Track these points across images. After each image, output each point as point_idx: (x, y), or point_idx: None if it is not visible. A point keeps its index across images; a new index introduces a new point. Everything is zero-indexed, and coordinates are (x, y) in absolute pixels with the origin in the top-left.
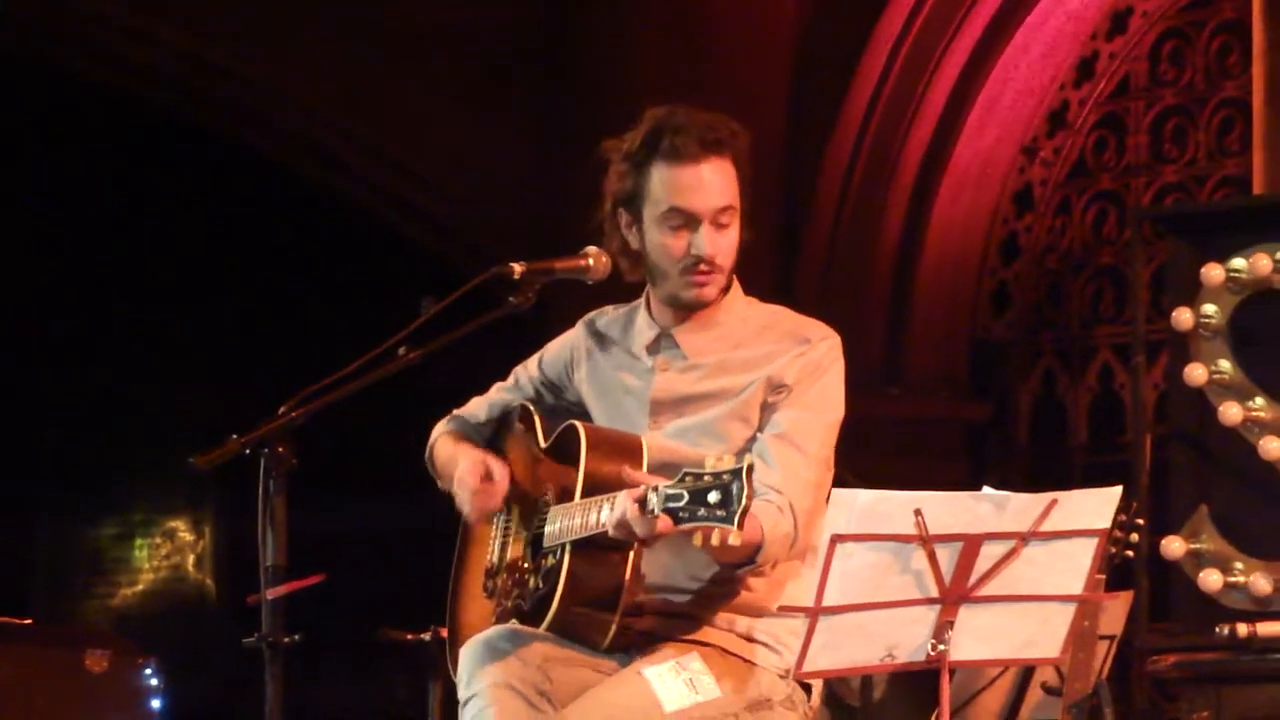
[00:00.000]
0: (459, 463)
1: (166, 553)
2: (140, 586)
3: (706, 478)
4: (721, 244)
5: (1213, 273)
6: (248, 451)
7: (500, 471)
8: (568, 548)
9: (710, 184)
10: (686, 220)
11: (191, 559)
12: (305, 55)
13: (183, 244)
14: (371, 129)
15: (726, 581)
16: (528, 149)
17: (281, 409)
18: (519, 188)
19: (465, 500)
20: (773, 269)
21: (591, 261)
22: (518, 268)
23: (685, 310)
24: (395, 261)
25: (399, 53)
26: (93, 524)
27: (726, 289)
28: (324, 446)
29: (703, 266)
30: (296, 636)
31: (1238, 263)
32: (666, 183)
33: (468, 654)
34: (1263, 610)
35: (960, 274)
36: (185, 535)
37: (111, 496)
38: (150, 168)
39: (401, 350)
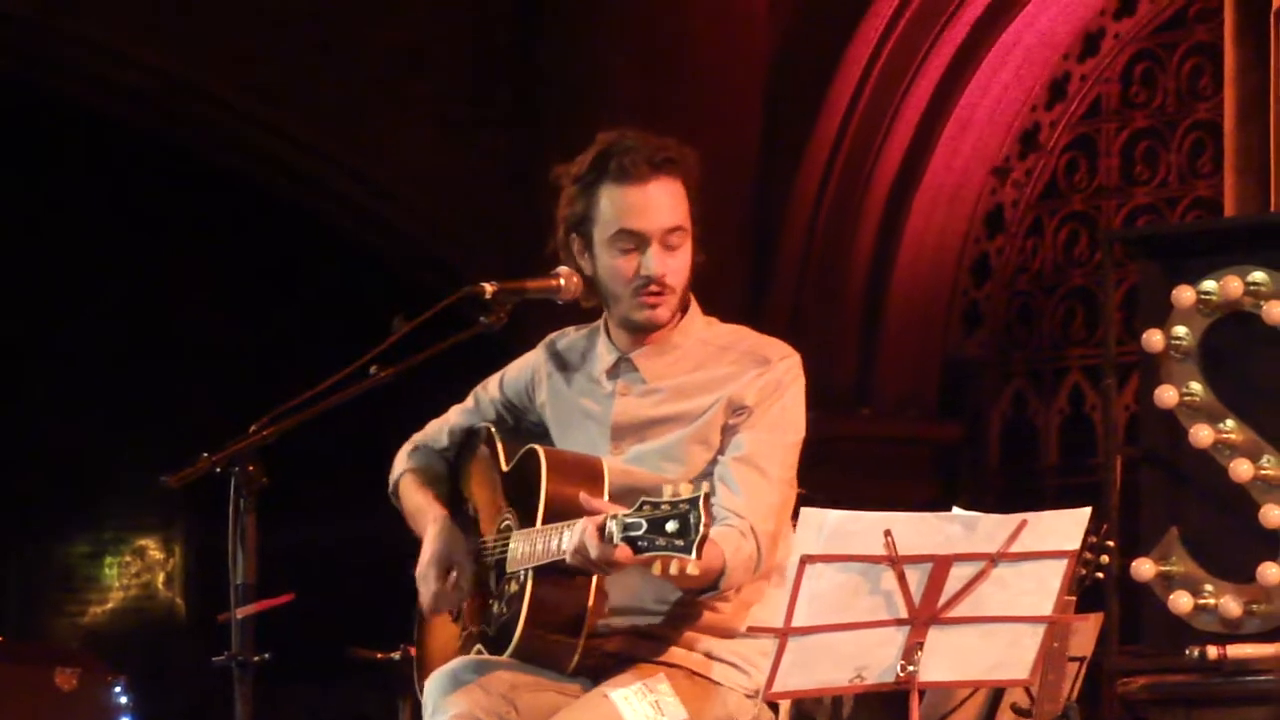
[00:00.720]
0: (424, 532)
1: (137, 570)
2: (110, 604)
3: (664, 506)
4: (671, 264)
5: (1184, 295)
6: (218, 470)
7: (463, 572)
8: (530, 573)
9: (658, 204)
10: (636, 241)
11: (162, 577)
12: (280, 75)
13: (154, 264)
14: (345, 148)
15: (692, 603)
16: (500, 168)
17: (252, 427)
18: (492, 207)
19: (425, 596)
20: (744, 288)
21: (563, 281)
22: (489, 287)
23: (641, 333)
24: (367, 281)
25: (373, 73)
26: (63, 541)
27: (685, 310)
28: (294, 465)
29: (653, 287)
30: (266, 655)
31: (1209, 285)
32: (615, 204)
33: (432, 685)
34: (1233, 633)
35: (931, 294)
36: (155, 553)
37: (83, 514)
38: (120, 188)
39: (373, 369)
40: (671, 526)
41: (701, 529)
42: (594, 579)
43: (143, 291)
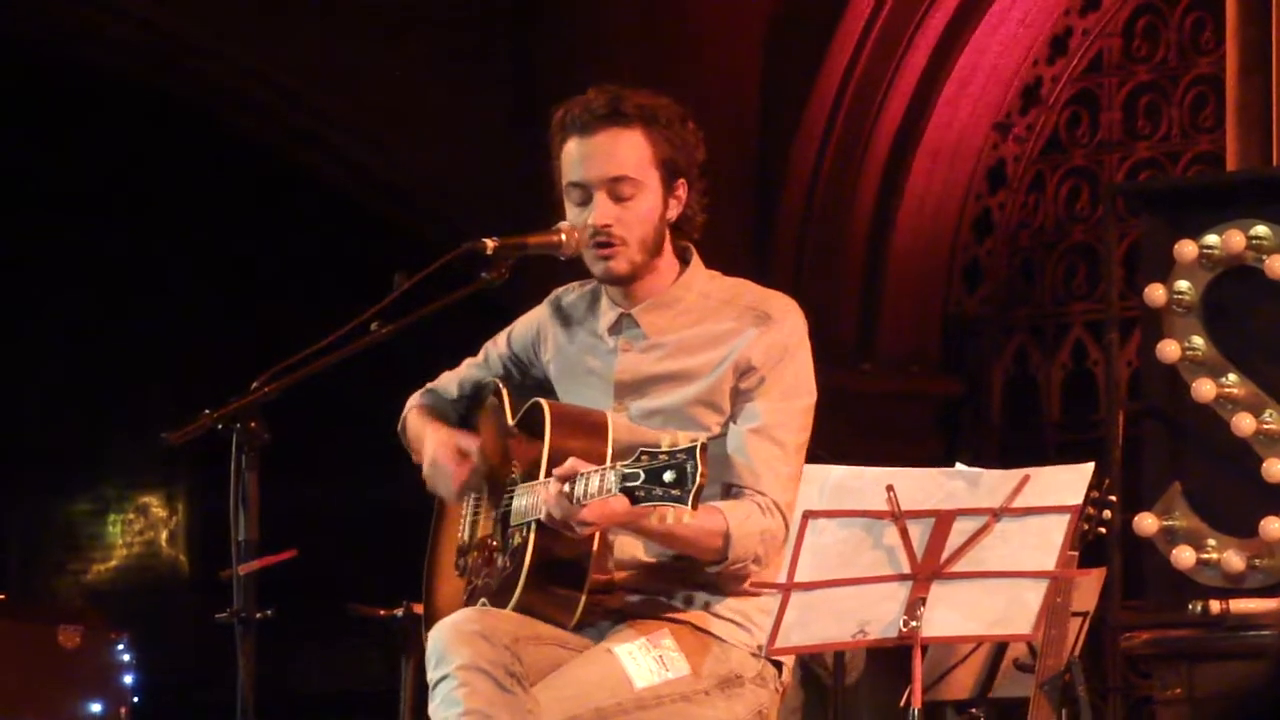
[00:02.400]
0: (426, 443)
1: (140, 529)
2: (113, 562)
3: (662, 456)
4: (618, 214)
5: (1186, 249)
6: (220, 427)
7: (472, 445)
8: (533, 526)
9: (601, 154)
10: (582, 193)
11: (164, 535)
12: (279, 32)
13: (154, 218)
14: (345, 104)
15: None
16: (501, 125)
17: (254, 384)
18: (492, 165)
19: (442, 482)
20: (746, 246)
21: (564, 237)
22: (490, 243)
23: (617, 286)
24: (368, 238)
25: (373, 28)
26: (66, 500)
27: (687, 265)
28: (296, 421)
29: (600, 238)
30: (269, 612)
31: (1211, 239)
32: (567, 156)
33: (436, 637)
34: (1235, 587)
35: (933, 251)
36: (158, 511)
37: (85, 472)
38: (121, 143)
39: (374, 325)
40: (669, 476)
41: (698, 479)
42: (597, 534)
43: (143, 248)
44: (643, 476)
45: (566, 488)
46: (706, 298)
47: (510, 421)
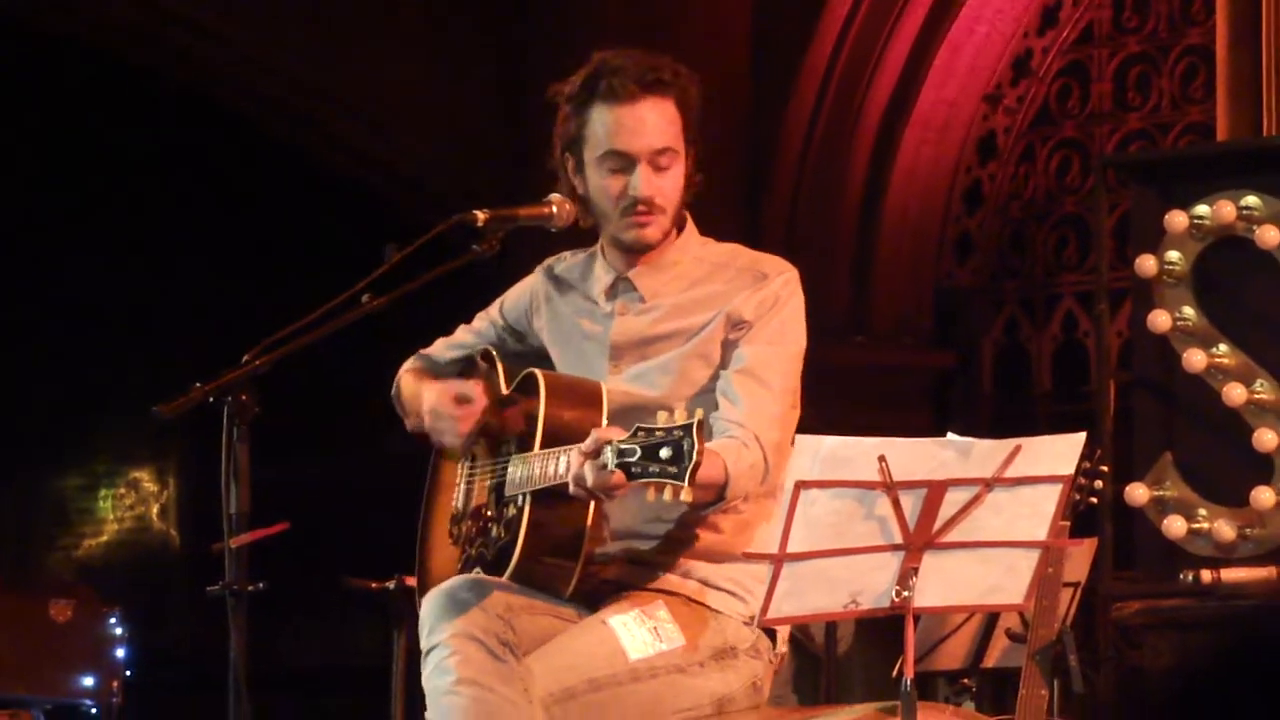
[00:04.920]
0: (425, 396)
1: (131, 503)
2: (104, 537)
3: (659, 433)
4: (660, 185)
5: (1176, 219)
6: (211, 400)
7: (472, 390)
8: (528, 497)
9: (647, 124)
10: (624, 162)
11: (156, 509)
12: (269, 6)
13: (148, 197)
14: (337, 82)
15: (691, 526)
16: (492, 98)
17: (245, 357)
18: (483, 137)
19: (448, 428)
20: (738, 217)
21: (555, 209)
22: (481, 215)
23: (634, 253)
24: (359, 211)
25: (365, 5)
26: (57, 475)
27: (681, 229)
28: (288, 394)
29: (640, 207)
30: (260, 585)
31: (1201, 209)
32: (604, 124)
33: (430, 604)
34: (1226, 557)
35: (924, 222)
36: (149, 485)
37: (75, 447)
38: (115, 122)
39: (365, 298)
40: (665, 453)
41: (695, 456)
42: (592, 505)
43: (134, 225)
44: (639, 452)
45: (598, 458)
46: (701, 261)
47: (505, 390)
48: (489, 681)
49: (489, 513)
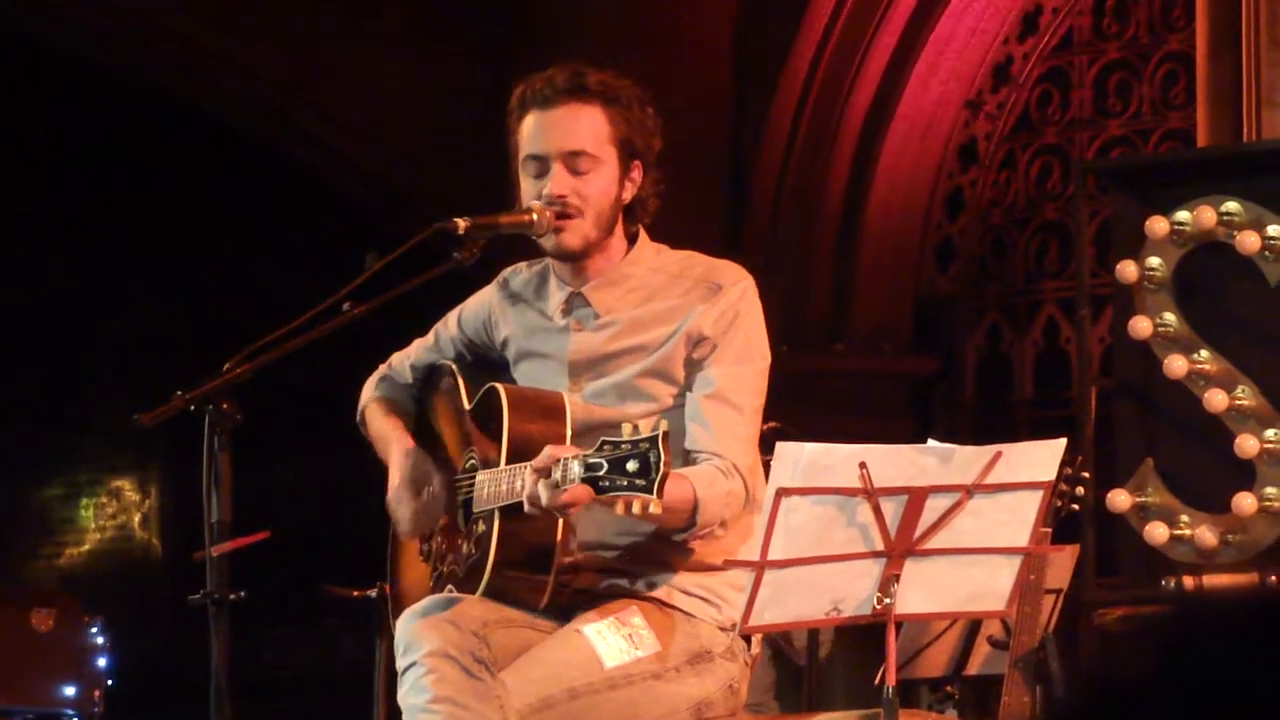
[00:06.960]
0: (393, 459)
1: (112, 512)
2: (86, 546)
3: (624, 445)
4: (575, 185)
5: (1157, 225)
6: (192, 408)
7: (436, 483)
8: (497, 514)
9: (560, 127)
10: (540, 166)
11: (137, 518)
12: (248, 10)
13: (126, 201)
14: (319, 85)
15: (662, 536)
16: (473, 103)
17: (226, 365)
18: (465, 144)
19: (403, 518)
20: (719, 224)
21: (536, 216)
22: (462, 223)
23: (569, 263)
24: (340, 218)
25: (344, 6)
26: (39, 484)
27: (634, 243)
28: (268, 402)
29: (554, 209)
30: (242, 593)
31: (1182, 215)
32: (527, 129)
33: (404, 624)
34: (1208, 563)
35: (905, 229)
36: (131, 494)
37: (57, 456)
38: (94, 126)
39: (346, 305)
40: (632, 466)
41: (662, 468)
42: (561, 518)
43: (114, 230)
44: (606, 466)
45: (549, 476)
46: (656, 272)
47: (467, 406)
48: (465, 699)
49: (458, 529)
